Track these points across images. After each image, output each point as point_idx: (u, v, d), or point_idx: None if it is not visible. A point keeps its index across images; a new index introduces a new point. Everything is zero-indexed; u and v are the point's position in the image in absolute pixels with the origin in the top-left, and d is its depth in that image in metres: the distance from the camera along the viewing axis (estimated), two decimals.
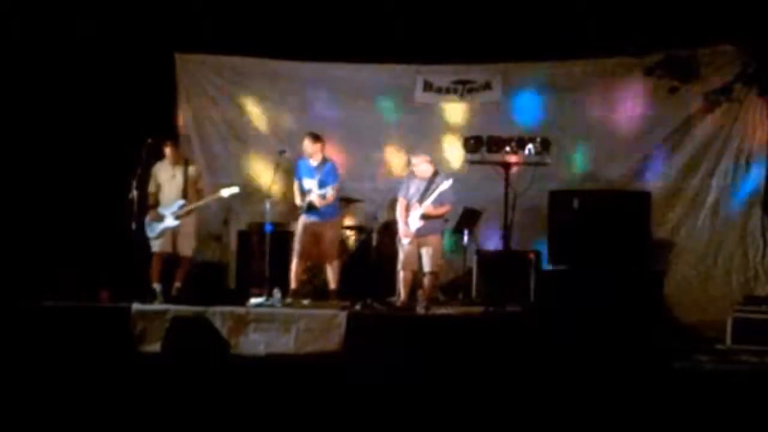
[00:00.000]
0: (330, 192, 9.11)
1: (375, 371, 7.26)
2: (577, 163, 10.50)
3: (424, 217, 8.97)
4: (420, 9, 10.10)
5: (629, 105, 10.37)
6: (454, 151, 10.26)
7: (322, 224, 9.30)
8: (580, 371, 6.96)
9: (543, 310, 8.69)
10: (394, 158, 10.69)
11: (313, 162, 9.31)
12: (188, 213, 9.48)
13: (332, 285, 9.47)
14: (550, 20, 9.88)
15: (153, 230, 9.43)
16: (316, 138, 9.35)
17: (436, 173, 9.12)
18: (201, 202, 9.58)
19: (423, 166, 9.16)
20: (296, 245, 9.29)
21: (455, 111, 10.88)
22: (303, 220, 9.26)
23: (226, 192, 9.49)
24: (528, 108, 10.66)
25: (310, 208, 9.19)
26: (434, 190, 8.97)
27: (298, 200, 9.32)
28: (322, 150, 9.38)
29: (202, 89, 11.10)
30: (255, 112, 11.10)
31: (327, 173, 9.26)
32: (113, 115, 10.34)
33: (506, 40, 10.11)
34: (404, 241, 9.05)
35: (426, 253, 9.04)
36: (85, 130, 10.31)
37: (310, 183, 9.25)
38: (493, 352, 7.76)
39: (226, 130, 11.15)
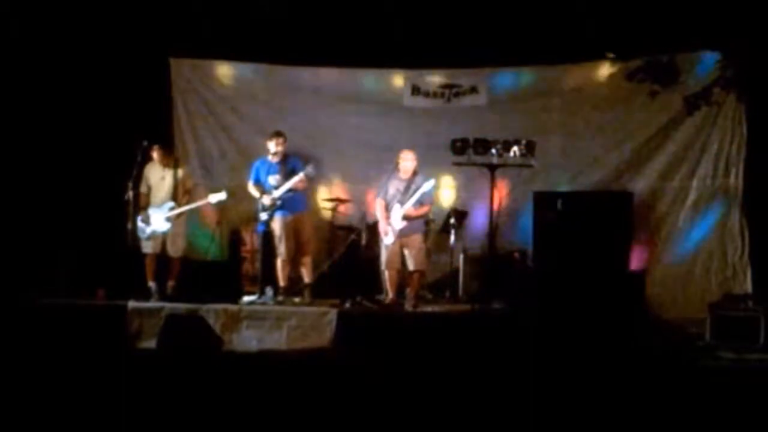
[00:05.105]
0: (311, 171, 9.22)
1: (364, 367, 7.38)
2: (561, 164, 10.59)
3: (405, 218, 9.12)
4: (409, 14, 10.16)
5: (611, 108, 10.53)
6: (441, 154, 10.43)
7: (297, 219, 9.38)
8: (564, 369, 7.00)
9: (528, 309, 8.73)
10: (383, 160, 10.82)
11: (275, 159, 9.38)
12: (178, 216, 9.62)
13: (306, 279, 9.55)
14: (535, 26, 9.96)
15: (143, 232, 9.53)
16: (284, 136, 9.44)
17: (415, 173, 9.27)
18: (189, 207, 9.65)
19: (409, 163, 9.29)
20: (280, 246, 9.31)
21: (443, 114, 11.01)
22: (280, 220, 9.30)
23: (213, 198, 9.57)
24: (513, 111, 10.79)
25: (283, 203, 9.25)
26: (415, 191, 9.11)
27: (266, 200, 9.27)
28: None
29: (196, 93, 11.13)
30: (248, 116, 11.17)
31: (295, 163, 9.34)
32: (110, 117, 10.41)
33: (493, 46, 10.21)
34: (387, 241, 9.16)
35: (409, 253, 9.17)
36: (83, 132, 10.39)
37: (275, 179, 9.29)
38: (480, 349, 7.84)
39: (220, 133, 11.21)
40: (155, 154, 9.69)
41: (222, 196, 9.58)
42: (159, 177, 9.68)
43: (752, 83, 9.45)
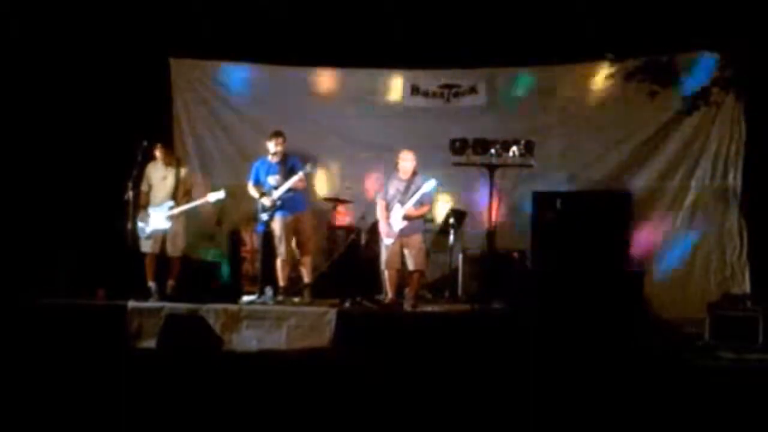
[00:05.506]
0: (310, 170, 9.28)
1: (364, 367, 7.37)
2: (560, 165, 10.61)
3: (406, 217, 9.15)
4: (409, 15, 10.20)
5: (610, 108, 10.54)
6: (440, 154, 10.42)
7: (297, 219, 9.40)
8: (564, 369, 7.00)
9: (527, 309, 8.73)
10: (383, 160, 10.85)
11: (274, 159, 9.40)
12: (178, 215, 9.62)
13: (306, 279, 9.56)
14: (534, 26, 10.00)
15: (143, 231, 9.55)
16: (283, 136, 9.44)
17: (415, 173, 9.30)
18: (189, 206, 9.65)
19: (408, 163, 9.31)
20: (280, 246, 9.34)
21: (442, 114, 11.03)
22: (280, 220, 9.31)
23: (212, 197, 9.58)
24: (512, 111, 10.84)
25: (283, 203, 9.27)
26: (415, 191, 9.14)
27: (266, 201, 9.28)
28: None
29: (196, 93, 11.19)
30: (248, 116, 11.21)
31: (294, 163, 9.36)
32: (110, 117, 10.44)
33: (492, 46, 10.25)
34: (387, 241, 9.20)
35: (409, 253, 9.20)
36: (83, 132, 10.41)
37: (275, 179, 9.31)
38: (479, 349, 7.85)
39: (220, 133, 11.26)
40: (158, 153, 9.72)
41: (221, 194, 9.60)
42: (161, 176, 9.71)
43: (751, 83, 9.47)
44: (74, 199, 10.28)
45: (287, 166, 9.34)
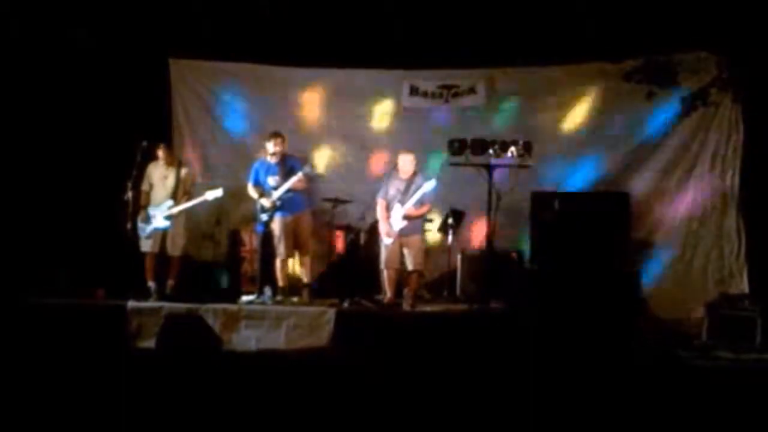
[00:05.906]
0: (309, 170, 9.31)
1: (363, 367, 7.39)
2: (559, 165, 10.60)
3: (406, 217, 9.18)
4: (408, 15, 10.21)
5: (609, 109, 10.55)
6: (439, 154, 10.45)
7: (296, 218, 9.42)
8: (563, 369, 6.98)
9: (525, 309, 8.76)
10: (382, 160, 10.87)
11: (273, 160, 9.43)
12: (177, 214, 9.64)
13: (305, 279, 9.58)
14: (533, 26, 10.00)
15: (143, 230, 9.57)
16: (282, 136, 9.49)
17: (415, 173, 9.33)
18: (188, 205, 9.67)
19: (408, 164, 9.35)
20: (279, 246, 9.37)
21: (441, 114, 11.04)
22: (280, 220, 9.35)
23: (210, 195, 9.59)
24: (511, 112, 10.86)
25: (283, 203, 9.30)
26: (415, 191, 9.17)
27: (265, 202, 9.32)
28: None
29: (195, 94, 11.19)
30: (247, 117, 11.22)
31: (293, 163, 9.39)
32: (110, 118, 10.45)
33: (490, 46, 10.26)
34: (387, 241, 9.22)
35: (408, 253, 9.23)
36: (83, 132, 10.43)
37: (274, 180, 9.34)
38: (478, 348, 7.85)
39: (219, 134, 11.26)
40: (161, 153, 9.75)
41: (218, 193, 9.62)
42: (162, 176, 9.74)
43: (749, 84, 9.50)
44: (74, 198, 10.29)
45: (286, 166, 9.36)
